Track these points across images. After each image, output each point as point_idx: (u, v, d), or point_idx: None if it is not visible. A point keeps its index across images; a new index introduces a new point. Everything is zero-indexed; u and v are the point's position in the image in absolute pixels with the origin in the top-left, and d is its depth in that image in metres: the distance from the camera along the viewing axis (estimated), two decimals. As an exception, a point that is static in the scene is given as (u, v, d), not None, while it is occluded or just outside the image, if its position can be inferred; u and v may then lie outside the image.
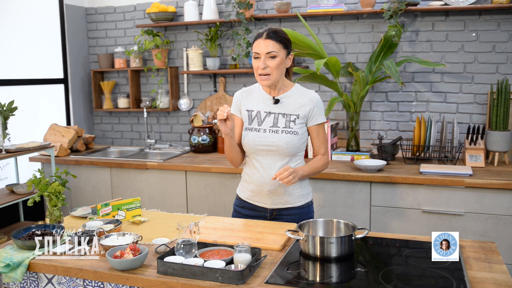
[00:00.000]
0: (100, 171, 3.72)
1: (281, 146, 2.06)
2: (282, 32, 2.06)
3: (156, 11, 3.86)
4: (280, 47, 2.02)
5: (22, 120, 3.67)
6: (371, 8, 3.36)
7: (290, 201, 2.14)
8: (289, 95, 2.13)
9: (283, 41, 2.03)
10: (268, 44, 2.00)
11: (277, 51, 2.01)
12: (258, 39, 2.03)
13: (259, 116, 2.13)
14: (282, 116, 2.10)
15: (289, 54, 2.08)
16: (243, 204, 2.22)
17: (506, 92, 3.09)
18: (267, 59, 2.02)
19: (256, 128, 2.12)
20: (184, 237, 1.68)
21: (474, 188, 2.80)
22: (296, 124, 2.09)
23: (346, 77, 3.61)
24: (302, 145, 2.13)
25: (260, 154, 2.11)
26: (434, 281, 1.55)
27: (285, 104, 2.12)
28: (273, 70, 2.02)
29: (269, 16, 3.62)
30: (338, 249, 1.67)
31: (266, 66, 2.01)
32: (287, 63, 2.09)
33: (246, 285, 1.50)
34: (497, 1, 3.10)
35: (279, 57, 2.02)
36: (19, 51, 3.87)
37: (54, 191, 2.05)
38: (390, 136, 3.58)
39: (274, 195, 2.13)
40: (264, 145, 2.09)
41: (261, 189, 2.13)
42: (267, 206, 2.15)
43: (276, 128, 2.09)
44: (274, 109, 2.12)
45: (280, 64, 2.03)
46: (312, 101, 2.11)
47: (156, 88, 4.17)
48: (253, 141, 2.10)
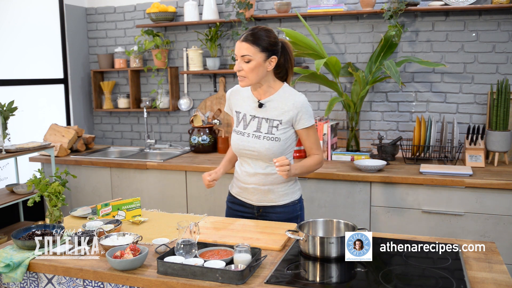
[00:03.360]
0: (100, 171, 3.72)
1: (262, 152, 2.07)
2: (264, 34, 1.99)
3: (156, 11, 3.86)
4: (257, 50, 1.97)
5: (22, 120, 3.67)
6: (371, 8, 3.36)
7: (275, 199, 2.15)
8: (274, 99, 2.10)
9: (261, 44, 1.97)
10: (243, 47, 1.98)
11: (251, 54, 1.97)
12: (237, 41, 2.02)
13: (245, 120, 2.14)
14: (265, 121, 2.09)
15: (271, 57, 2.01)
16: (234, 200, 2.27)
17: (506, 92, 3.09)
18: (242, 62, 2.00)
19: (241, 132, 2.14)
20: (184, 237, 1.68)
21: (474, 188, 2.80)
22: (278, 130, 2.08)
23: (346, 77, 3.61)
24: (286, 150, 2.11)
25: (244, 156, 2.14)
26: (434, 281, 1.55)
27: (268, 109, 2.10)
28: (248, 73, 2.00)
29: (269, 16, 3.62)
30: (338, 249, 1.67)
31: (241, 68, 2.00)
32: (268, 67, 2.02)
33: (246, 285, 1.50)
34: (497, 1, 3.10)
35: (254, 60, 1.98)
36: (19, 51, 3.87)
37: (54, 191, 2.05)
38: (390, 136, 3.58)
39: (259, 193, 2.15)
40: (247, 149, 2.11)
41: (247, 187, 2.17)
42: (253, 203, 2.18)
43: (259, 134, 2.09)
44: (258, 113, 2.11)
45: (256, 67, 1.99)
46: (296, 106, 2.06)
47: (156, 88, 4.17)
48: (237, 144, 2.14)
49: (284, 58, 2.11)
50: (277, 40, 2.05)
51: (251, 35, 1.98)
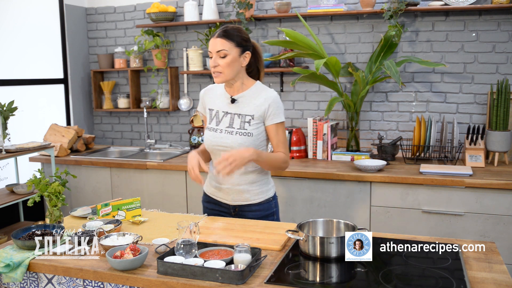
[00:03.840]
0: (100, 171, 3.72)
1: (235, 147, 2.07)
2: (237, 30, 2.05)
3: (156, 11, 3.86)
4: (232, 45, 2.01)
5: (22, 120, 3.67)
6: (371, 8, 3.36)
7: (249, 198, 2.16)
8: (246, 95, 2.12)
9: (235, 40, 2.02)
10: (218, 42, 2.01)
11: (227, 49, 2.01)
12: (211, 37, 2.05)
13: (218, 116, 2.15)
14: (238, 116, 2.11)
15: (245, 52, 2.06)
16: (209, 199, 2.27)
17: (506, 92, 3.09)
18: (218, 58, 2.02)
19: (214, 128, 2.15)
20: (184, 237, 1.68)
21: (474, 188, 2.80)
22: (251, 125, 2.09)
23: (346, 77, 3.61)
24: (258, 146, 2.11)
25: (217, 153, 2.14)
26: (434, 281, 1.55)
27: (241, 104, 2.12)
28: (224, 68, 2.02)
29: (269, 16, 3.62)
30: (338, 249, 1.67)
31: (217, 64, 2.02)
32: (242, 62, 2.07)
33: (246, 285, 1.50)
34: (497, 1, 3.10)
35: (230, 55, 2.01)
36: (19, 51, 3.87)
37: (54, 191, 2.05)
38: (390, 136, 3.58)
39: (233, 193, 2.16)
40: (220, 145, 2.11)
41: (221, 187, 2.18)
42: (229, 203, 2.19)
43: (231, 129, 2.10)
44: (231, 109, 2.13)
45: (232, 62, 2.03)
46: (267, 100, 2.08)
47: (156, 88, 4.17)
48: (210, 141, 2.15)
49: (255, 57, 2.16)
50: (249, 37, 2.10)
51: (224, 31, 2.03)
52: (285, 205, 3.21)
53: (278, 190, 3.20)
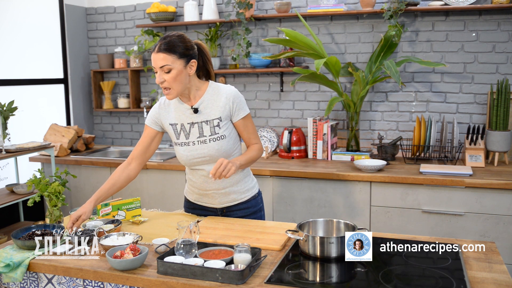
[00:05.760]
0: (100, 171, 3.72)
1: (213, 154, 2.04)
2: (177, 40, 1.93)
3: (156, 11, 3.86)
4: (175, 58, 1.91)
5: (22, 120, 3.67)
6: (371, 8, 3.36)
7: (236, 198, 2.16)
8: (205, 99, 2.06)
9: (177, 51, 1.91)
10: (160, 57, 1.91)
11: (170, 63, 1.90)
12: (152, 52, 1.94)
13: (184, 129, 2.08)
14: (206, 123, 2.05)
15: (190, 62, 1.96)
16: (194, 206, 2.24)
17: (506, 92, 3.09)
18: (163, 73, 1.92)
19: (185, 142, 2.07)
20: (184, 237, 1.68)
21: (474, 188, 2.80)
22: (221, 128, 2.05)
23: (346, 77, 3.61)
24: (234, 144, 2.10)
25: (196, 164, 2.09)
26: (434, 281, 1.55)
27: (204, 110, 2.05)
28: (171, 83, 1.93)
29: (269, 16, 3.62)
30: (338, 249, 1.67)
31: (163, 80, 1.92)
32: (189, 72, 1.97)
33: (246, 285, 1.50)
34: (497, 1, 3.10)
35: (175, 69, 1.91)
36: (19, 51, 3.87)
37: (54, 191, 2.05)
38: (390, 136, 3.58)
39: (220, 196, 2.14)
40: (197, 157, 2.07)
41: (206, 193, 2.15)
42: (216, 206, 2.18)
43: (203, 138, 2.05)
44: (195, 119, 2.06)
45: (178, 76, 1.93)
46: (229, 98, 2.04)
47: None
48: (186, 156, 2.08)
49: (203, 59, 2.08)
50: (192, 44, 2.00)
51: (165, 44, 1.91)
52: (285, 205, 3.21)
53: (278, 190, 3.21)
